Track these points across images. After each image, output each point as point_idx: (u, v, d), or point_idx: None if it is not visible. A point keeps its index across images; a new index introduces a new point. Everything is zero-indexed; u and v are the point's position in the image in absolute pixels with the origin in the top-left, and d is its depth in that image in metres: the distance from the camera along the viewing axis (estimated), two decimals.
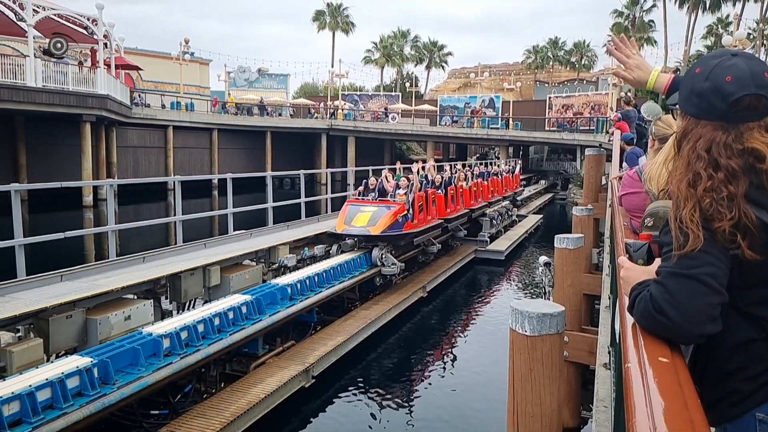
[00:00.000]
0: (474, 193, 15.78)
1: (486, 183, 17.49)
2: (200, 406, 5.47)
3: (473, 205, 15.54)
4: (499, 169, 21.17)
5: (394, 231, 10.02)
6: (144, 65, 35.66)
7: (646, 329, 1.16)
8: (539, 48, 61.40)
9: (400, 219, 10.23)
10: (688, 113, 1.30)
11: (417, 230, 10.97)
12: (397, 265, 10.25)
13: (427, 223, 11.63)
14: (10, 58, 22.30)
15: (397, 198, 10.97)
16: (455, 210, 13.86)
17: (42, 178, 23.90)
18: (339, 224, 10.01)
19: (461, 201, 14.43)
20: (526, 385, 2.46)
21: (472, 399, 7.41)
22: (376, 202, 10.64)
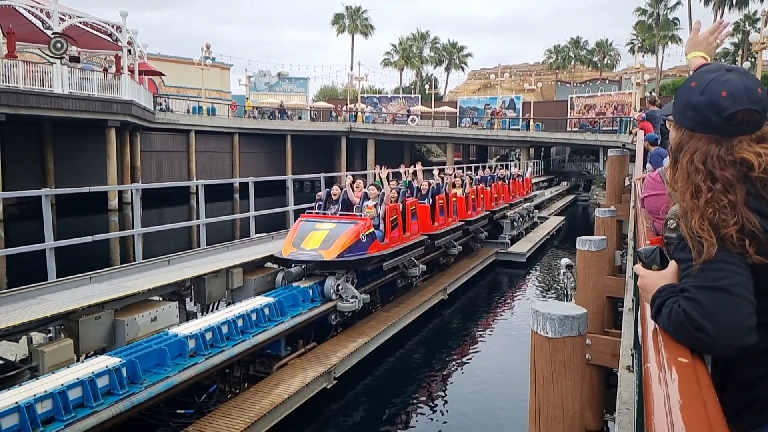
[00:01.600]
0: (472, 201, 13.79)
1: (489, 189, 15.49)
2: (225, 406, 5.56)
3: (471, 215, 13.54)
4: (506, 173, 18.99)
5: (354, 254, 7.97)
6: (166, 71, 36.26)
7: (683, 344, 1.16)
8: (560, 48, 60.80)
9: (365, 238, 8.20)
10: (682, 125, 1.34)
11: (388, 251, 8.84)
12: (358, 298, 8.10)
13: (404, 241, 9.55)
14: (37, 66, 22.86)
15: (364, 211, 8.96)
16: (446, 223, 11.79)
17: (68, 182, 24.43)
18: (286, 246, 8.02)
19: (453, 212, 12.40)
20: (548, 388, 2.47)
21: (494, 401, 7.40)
22: (337, 217, 8.60)
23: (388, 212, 8.95)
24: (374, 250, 8.38)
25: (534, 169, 35.57)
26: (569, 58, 60.64)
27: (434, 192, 11.44)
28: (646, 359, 1.08)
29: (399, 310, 9.28)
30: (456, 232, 12.55)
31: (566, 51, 60.68)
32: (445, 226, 11.64)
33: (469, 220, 13.40)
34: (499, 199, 16.20)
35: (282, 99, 46.38)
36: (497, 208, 15.81)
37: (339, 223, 8.31)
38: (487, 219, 14.95)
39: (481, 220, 14.43)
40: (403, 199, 9.88)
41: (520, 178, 19.95)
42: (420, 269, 11.23)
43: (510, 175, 18.99)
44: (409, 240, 9.72)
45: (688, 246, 1.22)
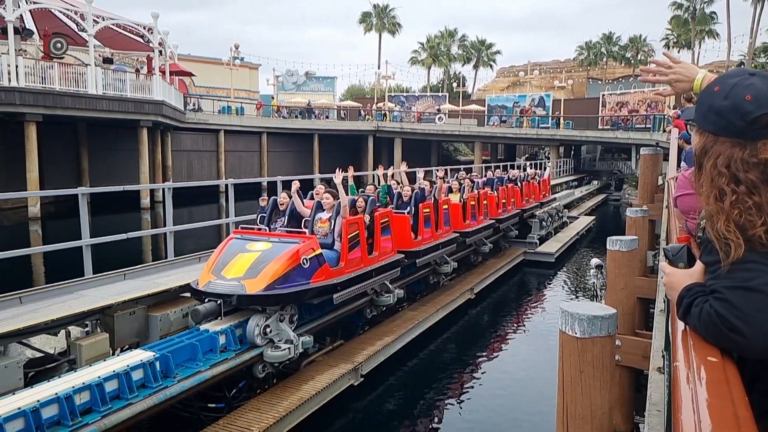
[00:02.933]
0: (472, 209, 11.92)
1: (495, 194, 13.60)
2: (254, 400, 5.66)
3: (469, 226, 11.63)
4: (519, 174, 16.89)
5: (290, 285, 6.01)
6: (196, 71, 36.88)
7: (714, 345, 1.16)
8: (592, 44, 59.77)
9: (307, 263, 6.25)
10: (706, 130, 1.34)
11: (341, 279, 6.80)
12: (295, 343, 6.10)
13: (369, 263, 7.51)
14: (72, 67, 23.49)
15: (316, 226, 7.08)
16: (433, 236, 9.72)
17: (102, 181, 25.06)
18: (203, 274, 6.17)
19: (445, 222, 10.43)
20: (576, 388, 2.46)
21: (521, 400, 7.36)
22: (275, 235, 6.75)
23: (345, 227, 6.94)
24: (321, 277, 6.36)
25: (561, 168, 35.16)
26: (601, 54, 59.58)
27: (418, 199, 9.37)
28: (675, 358, 1.09)
29: (426, 309, 9.29)
30: (449, 246, 10.36)
31: (598, 47, 59.64)
32: (432, 239, 9.60)
33: (467, 231, 11.39)
34: (508, 205, 14.32)
35: (309, 98, 46.72)
36: (505, 216, 13.83)
37: (276, 243, 6.30)
38: (491, 228, 13.04)
39: (483, 230, 12.42)
40: (372, 209, 7.88)
41: (536, 179, 17.69)
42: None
43: (524, 176, 16.79)
44: (376, 261, 7.70)
45: (715, 249, 1.22)
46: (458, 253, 11.54)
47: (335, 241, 6.99)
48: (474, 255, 12.86)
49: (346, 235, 7.03)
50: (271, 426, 5.17)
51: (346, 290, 6.98)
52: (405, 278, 9.24)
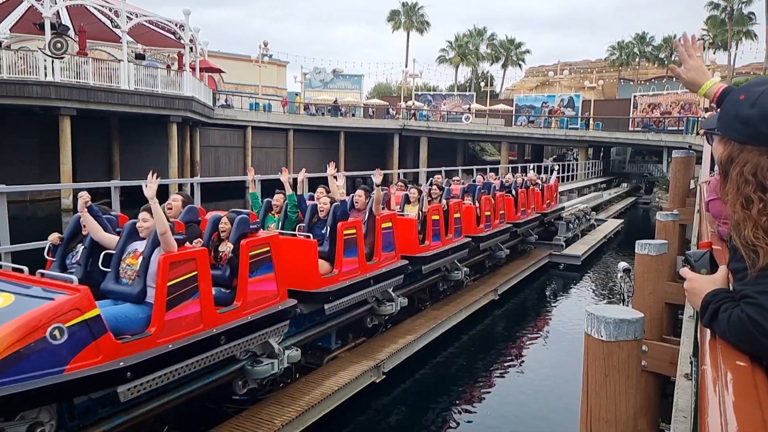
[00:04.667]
0: (433, 227, 8.79)
1: (476, 205, 10.83)
2: (276, 394, 5.72)
3: (427, 249, 8.57)
4: (513, 179, 13.72)
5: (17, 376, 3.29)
6: (225, 68, 37.35)
7: (745, 350, 1.15)
8: (624, 44, 58.80)
9: (61, 335, 3.51)
10: (732, 139, 1.33)
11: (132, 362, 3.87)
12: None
13: (211, 324, 4.61)
14: (106, 63, 24.02)
15: (123, 264, 4.44)
16: (360, 269, 6.86)
17: (132, 175, 25.54)
18: None
19: (385, 246, 7.39)
20: (601, 391, 2.43)
21: (545, 402, 7.29)
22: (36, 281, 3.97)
23: (162, 268, 4.17)
24: (94, 358, 3.66)
25: (590, 170, 34.67)
26: (634, 54, 58.56)
27: (338, 215, 6.60)
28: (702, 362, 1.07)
29: (448, 308, 9.26)
30: (383, 281, 7.22)
31: (630, 47, 58.63)
32: (354, 274, 6.68)
33: (424, 255, 8.38)
34: (495, 218, 11.44)
35: (336, 96, 46.95)
36: (488, 233, 10.96)
37: (23, 296, 3.73)
38: (464, 249, 9.86)
39: (452, 251, 9.27)
40: (240, 235, 5.05)
41: (539, 185, 14.98)
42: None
43: (520, 183, 13.66)
44: (230, 320, 4.81)
45: (742, 256, 1.22)
46: (409, 287, 8.53)
47: (143, 290, 4.21)
48: (442, 282, 9.68)
49: (162, 281, 4.19)
50: (293, 420, 5.22)
51: (141, 379, 3.99)
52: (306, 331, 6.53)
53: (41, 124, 23.08)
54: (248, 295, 5.04)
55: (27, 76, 20.85)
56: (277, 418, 5.15)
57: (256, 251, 5.13)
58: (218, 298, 4.81)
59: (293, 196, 6.78)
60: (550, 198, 15.63)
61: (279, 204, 6.93)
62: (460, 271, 9.86)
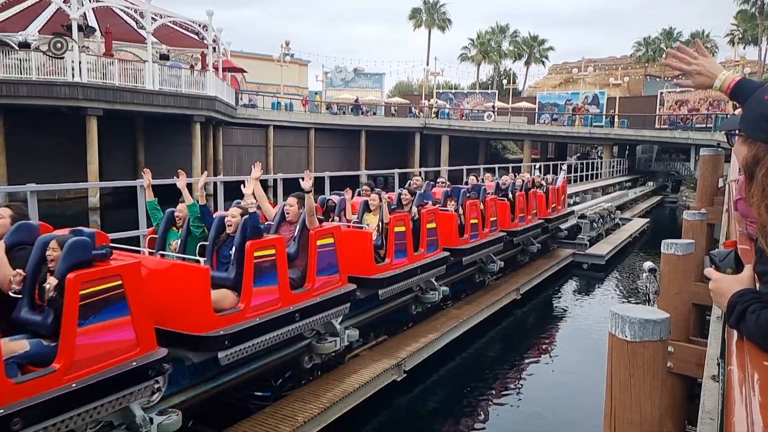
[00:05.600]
0: (400, 239, 7.34)
1: (460, 212, 9.21)
2: (299, 391, 5.77)
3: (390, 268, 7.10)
4: (511, 180, 12.15)
5: None
6: (247, 67, 37.70)
7: None
8: (651, 39, 57.77)
9: None
10: (758, 139, 1.30)
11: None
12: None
13: None
14: (131, 64, 24.42)
15: None
16: (275, 303, 5.23)
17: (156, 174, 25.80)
18: None
19: (323, 270, 5.86)
20: (625, 392, 2.40)
21: (566, 402, 7.22)
22: None
23: None
24: None
25: (615, 168, 34.18)
26: (660, 50, 57.42)
27: (248, 231, 4.95)
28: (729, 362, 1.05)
29: (470, 307, 9.22)
30: (319, 313, 5.72)
31: (657, 43, 57.57)
32: (272, 307, 5.13)
33: (380, 277, 6.81)
34: (485, 226, 9.86)
35: (357, 95, 47.04)
36: (471, 245, 9.23)
37: None
38: (442, 266, 8.22)
39: (418, 271, 7.59)
40: (69, 266, 3.67)
41: (543, 187, 13.32)
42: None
43: (519, 185, 12.12)
44: None
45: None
46: (363, 318, 7.22)
47: None
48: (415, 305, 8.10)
49: None
50: (316, 416, 5.26)
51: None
52: None
53: (69, 124, 23.56)
54: (77, 351, 3.57)
55: (55, 78, 21.31)
56: (300, 415, 5.19)
57: (94, 288, 3.69)
58: (34, 356, 3.52)
59: (195, 206, 5.32)
60: (556, 201, 13.89)
61: (182, 216, 5.43)
62: (437, 292, 8.12)
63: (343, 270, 6.08)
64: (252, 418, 5.15)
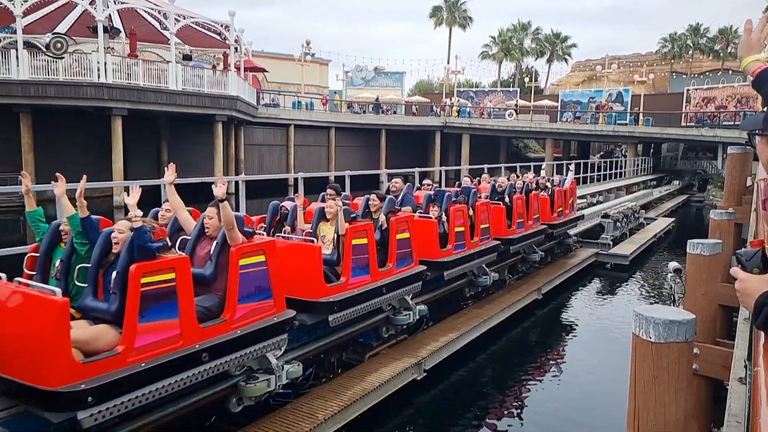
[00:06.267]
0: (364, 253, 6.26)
1: (443, 219, 8.12)
2: (319, 389, 5.80)
3: (345, 288, 5.98)
4: (509, 184, 10.82)
5: None
6: (269, 67, 37.99)
7: None
8: (677, 36, 56.67)
9: None
10: None
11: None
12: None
13: None
14: (155, 64, 24.77)
15: None
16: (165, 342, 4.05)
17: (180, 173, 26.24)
18: None
19: (252, 295, 4.75)
20: (649, 393, 2.36)
21: (588, 403, 7.14)
22: None
23: None
24: None
25: (640, 167, 33.67)
26: (687, 46, 56.37)
27: (135, 251, 3.93)
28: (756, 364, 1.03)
29: (491, 307, 9.17)
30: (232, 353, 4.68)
31: (683, 39, 56.46)
32: (172, 346, 4.08)
33: (330, 300, 5.72)
34: (475, 235, 8.81)
35: (378, 93, 47.07)
36: (455, 257, 8.10)
37: None
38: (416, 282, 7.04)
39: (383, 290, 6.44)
40: None
41: (548, 189, 12.12)
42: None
43: (520, 186, 10.92)
44: None
45: None
46: (310, 350, 6.07)
47: None
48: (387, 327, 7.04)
49: None
50: (336, 414, 5.28)
51: None
52: None
53: (95, 124, 24.00)
54: None
55: (81, 78, 21.73)
56: (320, 413, 5.22)
57: None
58: None
59: (75, 218, 4.29)
60: (562, 205, 12.61)
61: (68, 230, 4.44)
62: (411, 313, 7.00)
63: (279, 294, 4.95)
64: (273, 415, 5.19)
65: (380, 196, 7.21)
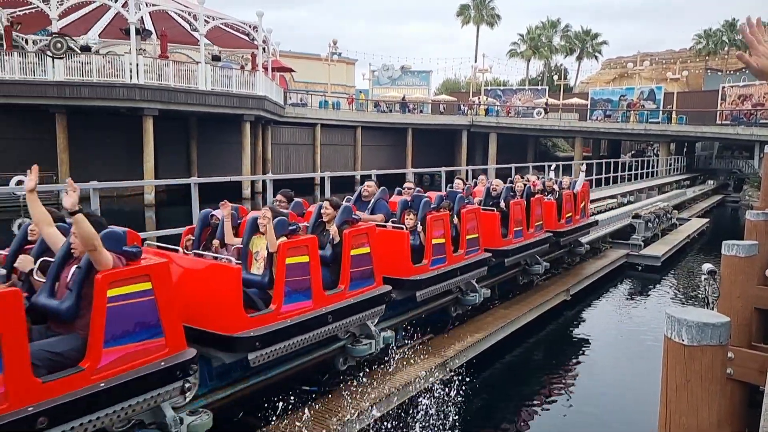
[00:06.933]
0: (304, 273, 5.13)
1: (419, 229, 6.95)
2: (345, 387, 5.80)
3: (278, 318, 4.85)
4: (505, 187, 9.47)
5: None
6: (296, 67, 38.31)
7: None
8: (712, 32, 55.25)
9: None
10: None
11: None
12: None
13: None
14: (185, 65, 25.18)
15: None
16: None
17: (208, 172, 26.70)
18: None
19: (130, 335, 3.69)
20: (682, 397, 2.29)
21: (619, 406, 7.00)
22: None
23: None
24: None
25: (672, 166, 32.93)
26: (722, 43, 54.87)
27: None
28: None
29: (518, 308, 9.06)
30: None
31: (719, 35, 55.00)
32: None
33: (244, 336, 4.54)
34: (455, 248, 7.52)
35: (404, 92, 47.02)
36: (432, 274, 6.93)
37: None
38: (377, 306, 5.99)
39: (328, 319, 5.34)
40: None
41: (553, 193, 11.00)
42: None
43: (520, 190, 9.77)
44: None
45: None
46: None
47: None
48: (342, 358, 5.99)
49: None
50: (361, 412, 5.28)
51: None
52: None
53: (127, 123, 24.52)
54: None
55: (114, 79, 22.22)
56: (345, 411, 5.22)
57: None
58: None
59: None
60: (572, 210, 11.34)
61: None
62: (372, 342, 5.92)
63: (173, 329, 3.90)
64: (299, 411, 5.21)
65: (333, 203, 5.98)
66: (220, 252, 5.21)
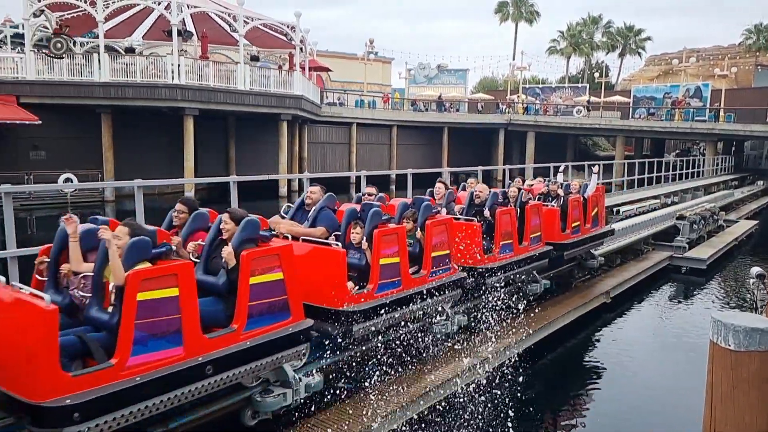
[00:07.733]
0: None
1: (365, 247, 5.70)
2: (380, 386, 5.77)
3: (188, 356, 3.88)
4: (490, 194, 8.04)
5: None
6: (333, 66, 38.54)
7: None
8: (763, 26, 53.07)
9: None
10: None
11: None
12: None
13: None
14: (224, 65, 25.63)
15: None
16: None
17: (246, 170, 27.13)
18: None
19: None
20: (728, 403, 2.20)
21: (661, 412, 6.80)
22: None
23: None
24: None
25: (719, 166, 31.83)
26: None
27: None
28: None
29: (557, 309, 8.90)
30: None
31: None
32: None
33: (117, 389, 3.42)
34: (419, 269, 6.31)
35: (441, 91, 46.75)
36: (370, 304, 5.45)
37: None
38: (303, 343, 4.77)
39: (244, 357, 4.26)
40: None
41: (557, 199, 9.70)
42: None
43: (511, 197, 8.45)
44: None
45: None
46: None
47: None
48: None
49: None
50: (398, 410, 5.28)
51: None
52: None
53: (168, 123, 25.11)
54: None
55: (156, 80, 22.80)
56: (381, 409, 5.21)
57: None
58: None
59: None
60: (580, 218, 9.82)
61: None
62: (288, 392, 4.66)
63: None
64: (333, 407, 5.23)
65: (233, 216, 4.53)
66: (72, 281, 3.97)
